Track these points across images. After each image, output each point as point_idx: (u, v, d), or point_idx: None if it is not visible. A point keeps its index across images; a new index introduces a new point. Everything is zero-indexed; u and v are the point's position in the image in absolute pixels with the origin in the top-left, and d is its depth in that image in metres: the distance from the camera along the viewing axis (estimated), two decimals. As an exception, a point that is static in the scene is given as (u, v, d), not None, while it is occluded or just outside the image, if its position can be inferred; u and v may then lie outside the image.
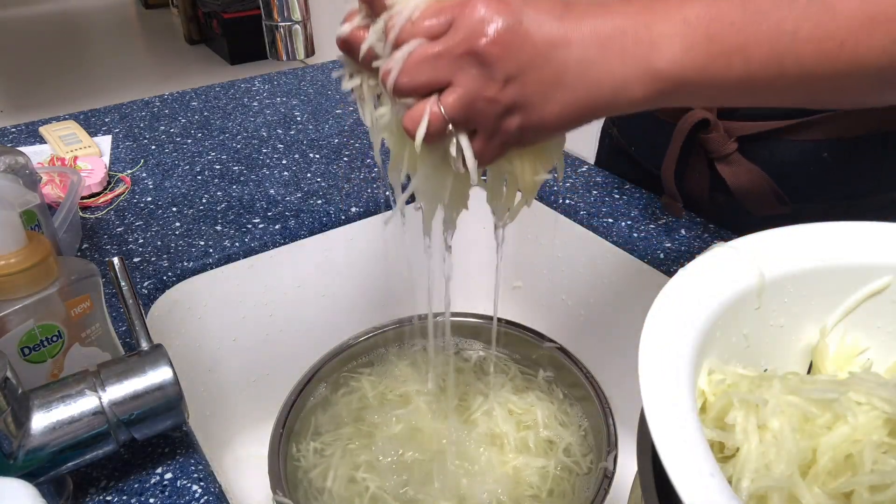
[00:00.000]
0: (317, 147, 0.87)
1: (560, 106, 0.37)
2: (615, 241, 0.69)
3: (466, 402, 0.62)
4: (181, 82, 3.53)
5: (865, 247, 0.38)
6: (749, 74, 0.36)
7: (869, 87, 0.37)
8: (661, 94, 0.37)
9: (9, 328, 0.42)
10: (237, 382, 0.72)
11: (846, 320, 0.39)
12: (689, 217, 0.70)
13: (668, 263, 0.65)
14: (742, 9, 0.35)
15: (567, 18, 0.36)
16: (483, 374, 0.65)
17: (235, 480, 0.69)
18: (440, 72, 0.36)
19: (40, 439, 0.39)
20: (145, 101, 1.01)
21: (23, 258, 0.41)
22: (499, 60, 0.35)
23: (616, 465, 0.52)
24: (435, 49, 0.36)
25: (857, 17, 0.34)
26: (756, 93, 0.38)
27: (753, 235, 0.39)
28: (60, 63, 3.83)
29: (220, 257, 0.66)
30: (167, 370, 0.43)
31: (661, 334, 0.33)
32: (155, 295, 0.63)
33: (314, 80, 1.08)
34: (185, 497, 0.44)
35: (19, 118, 2.14)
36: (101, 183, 0.76)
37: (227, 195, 0.76)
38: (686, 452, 0.27)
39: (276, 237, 0.69)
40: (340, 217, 0.73)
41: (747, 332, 0.38)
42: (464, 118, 0.37)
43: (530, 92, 0.37)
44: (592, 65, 0.36)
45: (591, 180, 0.78)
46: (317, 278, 0.74)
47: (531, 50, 0.36)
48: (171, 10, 4.67)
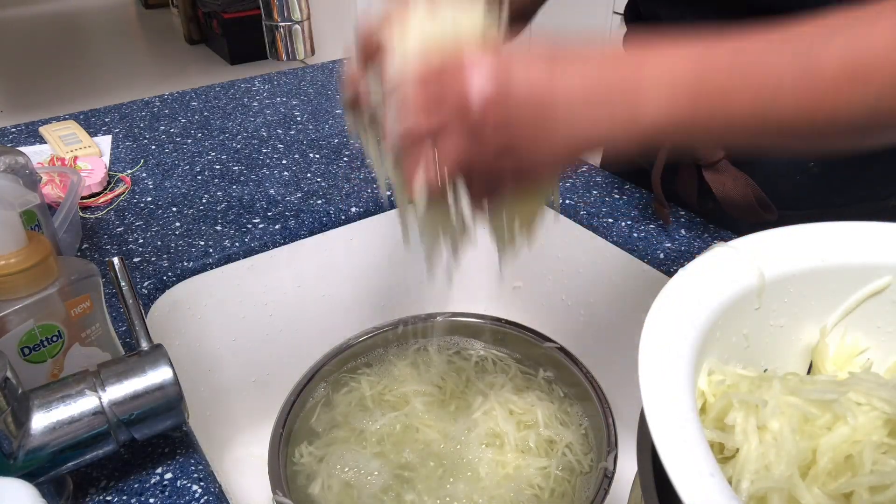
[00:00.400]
0: (317, 147, 0.87)
1: (551, 156, 0.39)
2: (615, 241, 0.69)
3: (466, 402, 0.62)
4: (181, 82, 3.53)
5: (865, 247, 0.38)
6: (730, 127, 0.37)
7: (846, 137, 0.39)
8: (644, 144, 0.38)
9: (9, 328, 0.42)
10: (237, 382, 0.72)
11: (846, 320, 0.39)
12: (689, 217, 0.70)
13: (668, 263, 0.65)
14: (730, 62, 0.36)
15: (555, 74, 0.37)
16: (483, 373, 0.65)
17: (235, 480, 0.69)
18: (436, 142, 0.38)
19: (40, 439, 0.39)
20: (145, 101, 1.01)
21: (23, 258, 0.41)
22: (490, 134, 0.37)
23: (616, 465, 0.52)
24: (428, 125, 0.37)
25: (840, 72, 0.35)
26: (737, 141, 0.40)
27: (753, 235, 0.39)
28: (60, 63, 3.83)
29: (220, 257, 0.66)
30: (167, 370, 0.43)
31: (661, 334, 0.33)
32: (155, 295, 0.63)
33: (314, 80, 1.08)
34: (185, 497, 0.44)
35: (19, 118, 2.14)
36: (101, 183, 0.76)
37: (227, 195, 0.76)
38: (686, 452, 0.27)
39: (276, 237, 0.69)
40: (340, 217, 0.73)
41: (747, 332, 0.38)
42: (460, 176, 0.39)
43: (522, 149, 0.38)
44: (580, 120, 0.37)
45: (591, 180, 0.78)
46: (317, 278, 0.74)
47: (520, 114, 0.37)
48: (171, 10, 4.67)
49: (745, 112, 0.36)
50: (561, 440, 0.59)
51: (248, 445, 0.73)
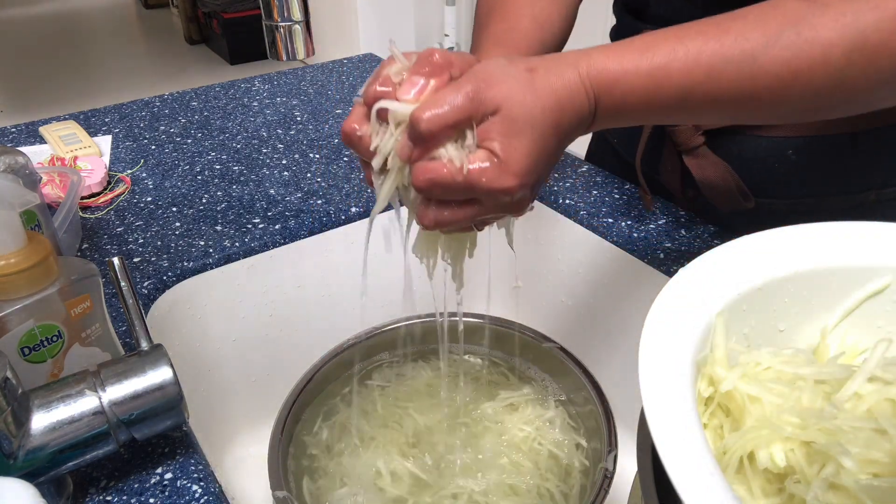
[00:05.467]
0: (317, 147, 0.87)
1: (546, 178, 0.43)
2: (615, 241, 0.69)
3: (466, 402, 0.62)
4: (181, 82, 3.53)
5: (865, 247, 0.38)
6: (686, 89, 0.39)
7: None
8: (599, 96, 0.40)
9: (9, 328, 0.42)
10: (237, 382, 0.72)
11: (846, 320, 0.39)
12: (690, 217, 0.70)
13: (668, 263, 0.65)
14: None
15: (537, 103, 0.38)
16: (483, 373, 0.65)
17: (235, 480, 0.69)
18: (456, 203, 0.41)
19: (40, 439, 0.39)
20: (145, 101, 1.01)
21: (23, 258, 0.41)
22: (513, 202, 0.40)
23: (616, 465, 0.52)
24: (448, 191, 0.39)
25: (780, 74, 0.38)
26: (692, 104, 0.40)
27: (753, 235, 0.39)
28: (60, 63, 3.83)
29: (220, 257, 0.66)
30: (167, 370, 0.43)
31: (661, 334, 0.33)
32: (155, 295, 0.63)
33: (314, 80, 1.08)
34: (185, 497, 0.44)
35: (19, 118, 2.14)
36: (101, 183, 0.76)
37: (227, 195, 0.76)
38: (686, 452, 0.27)
39: (276, 237, 0.69)
40: (340, 217, 0.73)
41: (748, 332, 0.38)
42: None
43: (533, 194, 0.41)
44: (564, 144, 0.41)
45: (591, 180, 0.78)
46: (317, 278, 0.74)
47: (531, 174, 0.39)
48: (171, 10, 4.67)
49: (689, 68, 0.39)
50: (561, 440, 0.59)
51: (248, 445, 0.73)
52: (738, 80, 0.38)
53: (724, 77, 0.38)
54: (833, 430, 0.32)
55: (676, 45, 0.38)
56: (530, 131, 0.37)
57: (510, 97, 0.37)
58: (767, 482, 0.33)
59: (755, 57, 0.37)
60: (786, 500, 0.32)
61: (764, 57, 0.37)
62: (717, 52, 0.38)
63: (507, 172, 0.37)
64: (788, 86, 0.38)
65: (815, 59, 0.37)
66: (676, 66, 0.38)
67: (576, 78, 0.39)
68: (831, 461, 0.30)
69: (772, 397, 0.34)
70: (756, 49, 0.37)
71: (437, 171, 0.37)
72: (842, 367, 0.36)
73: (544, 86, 0.38)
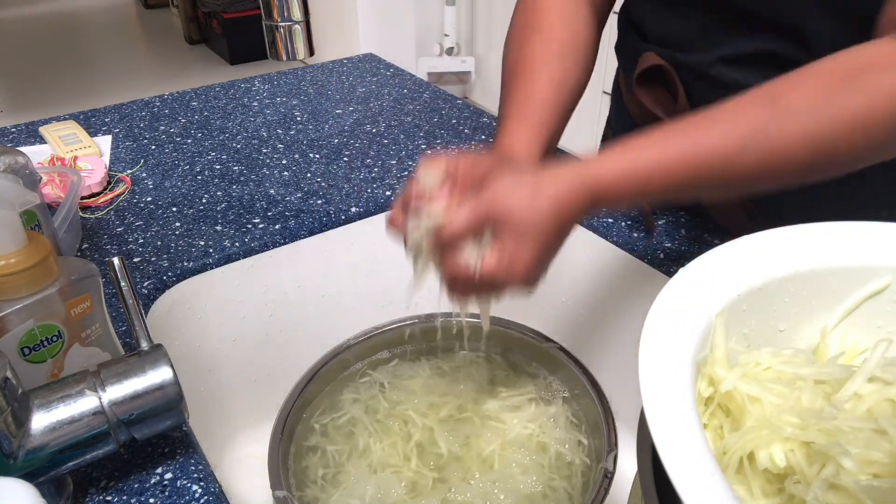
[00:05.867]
0: (317, 147, 0.87)
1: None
2: (615, 241, 0.69)
3: (466, 402, 0.62)
4: (181, 82, 3.53)
5: (865, 247, 0.38)
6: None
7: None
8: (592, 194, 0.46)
9: (9, 328, 0.42)
10: (237, 382, 0.72)
11: (846, 320, 0.39)
12: (689, 217, 0.70)
13: (668, 263, 0.65)
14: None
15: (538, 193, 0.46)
16: (483, 373, 0.65)
17: (235, 480, 0.69)
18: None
19: (40, 439, 0.39)
20: (145, 101, 1.01)
21: (23, 258, 0.41)
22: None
23: (616, 465, 0.52)
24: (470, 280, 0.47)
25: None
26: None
27: (753, 235, 0.39)
28: (60, 63, 3.83)
29: (220, 257, 0.66)
30: (167, 370, 0.43)
31: (661, 334, 0.33)
32: (155, 295, 0.63)
33: (314, 80, 1.08)
34: (185, 497, 0.44)
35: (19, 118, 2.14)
36: (101, 183, 0.76)
37: (227, 195, 0.76)
38: (686, 452, 0.27)
39: (276, 237, 0.69)
40: (340, 217, 0.73)
41: (747, 332, 0.38)
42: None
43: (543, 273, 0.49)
44: (568, 230, 0.48)
45: (591, 180, 0.78)
46: (317, 278, 0.74)
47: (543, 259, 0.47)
48: (171, 10, 4.67)
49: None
50: (561, 440, 0.58)
51: (248, 445, 0.73)
52: (718, 178, 0.46)
53: (704, 176, 0.45)
54: (833, 430, 0.32)
55: (663, 150, 0.46)
56: (533, 237, 0.45)
57: (518, 211, 0.45)
58: (767, 482, 0.33)
59: (730, 161, 0.45)
60: (786, 500, 0.32)
61: (738, 160, 0.45)
62: (699, 154, 0.45)
63: (515, 273, 0.45)
64: (762, 179, 0.46)
65: (783, 160, 0.44)
66: (659, 175, 0.45)
67: (577, 183, 0.46)
68: (831, 461, 0.30)
69: (772, 397, 0.34)
70: (730, 155, 0.45)
71: (456, 270, 0.46)
72: (842, 367, 0.36)
73: (550, 194, 0.45)
